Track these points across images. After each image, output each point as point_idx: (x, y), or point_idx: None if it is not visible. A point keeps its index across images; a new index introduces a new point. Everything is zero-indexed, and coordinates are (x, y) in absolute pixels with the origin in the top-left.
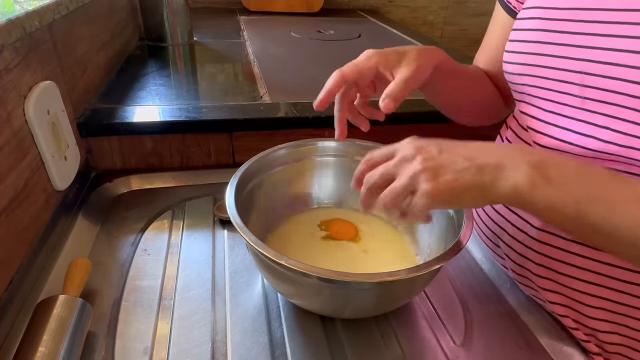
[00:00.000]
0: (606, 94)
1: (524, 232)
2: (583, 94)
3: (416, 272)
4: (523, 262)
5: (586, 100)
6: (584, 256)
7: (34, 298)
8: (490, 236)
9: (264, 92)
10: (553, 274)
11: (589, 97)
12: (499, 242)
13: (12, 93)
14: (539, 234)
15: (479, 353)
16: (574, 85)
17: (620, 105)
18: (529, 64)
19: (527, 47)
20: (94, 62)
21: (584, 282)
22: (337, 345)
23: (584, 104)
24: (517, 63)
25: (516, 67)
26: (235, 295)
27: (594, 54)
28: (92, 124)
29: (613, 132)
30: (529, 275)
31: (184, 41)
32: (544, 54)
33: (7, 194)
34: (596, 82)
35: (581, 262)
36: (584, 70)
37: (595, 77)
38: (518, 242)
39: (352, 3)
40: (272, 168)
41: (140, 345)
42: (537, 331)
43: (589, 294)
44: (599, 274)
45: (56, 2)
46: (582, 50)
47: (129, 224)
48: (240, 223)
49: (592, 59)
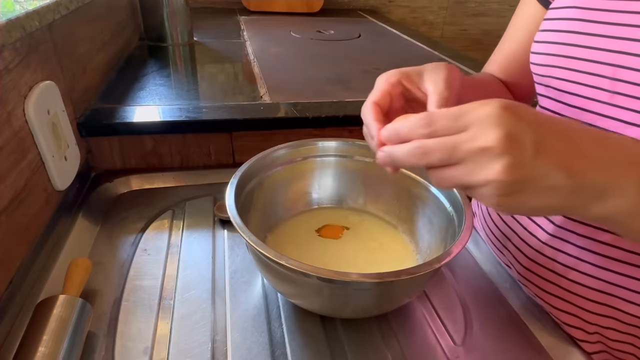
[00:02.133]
0: (639, 88)
1: (535, 236)
2: (614, 89)
3: (416, 272)
4: (531, 267)
5: (616, 95)
6: (597, 265)
7: (34, 298)
8: (499, 237)
9: (264, 92)
10: (563, 280)
11: (620, 91)
12: (508, 244)
13: (12, 93)
14: (551, 240)
15: (479, 353)
16: (605, 79)
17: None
18: (558, 55)
19: (559, 37)
20: (94, 62)
21: (593, 290)
22: (337, 345)
23: (614, 99)
24: (545, 53)
25: (543, 57)
26: (235, 295)
27: (629, 46)
28: (92, 124)
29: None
30: (536, 280)
31: (184, 41)
32: (576, 44)
33: (7, 194)
34: (630, 76)
35: (592, 271)
36: (617, 63)
37: (629, 71)
38: (528, 246)
39: (352, 3)
40: (272, 168)
41: (140, 345)
42: (537, 331)
43: (598, 302)
44: (610, 284)
45: (56, 2)
46: (617, 42)
47: (129, 224)
48: (240, 223)
49: (627, 51)
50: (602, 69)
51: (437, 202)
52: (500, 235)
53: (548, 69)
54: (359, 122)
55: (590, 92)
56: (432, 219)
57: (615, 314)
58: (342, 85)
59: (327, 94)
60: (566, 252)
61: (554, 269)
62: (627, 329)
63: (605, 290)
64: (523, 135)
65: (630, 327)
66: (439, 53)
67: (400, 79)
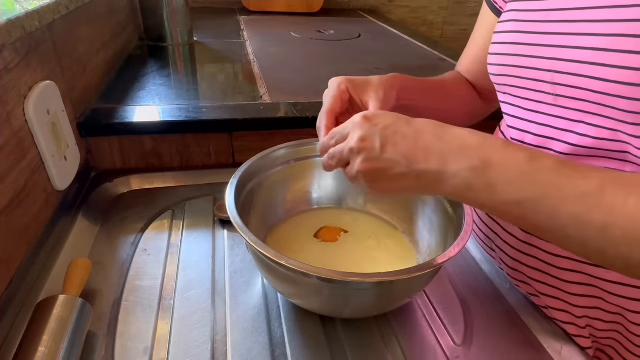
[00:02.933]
0: (575, 90)
1: (514, 236)
2: (555, 92)
3: (416, 272)
4: (517, 266)
5: (558, 97)
6: (575, 260)
7: (34, 298)
8: (485, 240)
9: (264, 92)
10: (548, 277)
11: (561, 94)
12: (493, 246)
13: (12, 93)
14: (529, 238)
15: (479, 353)
16: (546, 84)
17: (588, 101)
18: (507, 65)
19: (506, 49)
20: (94, 62)
21: (576, 284)
22: (337, 345)
23: (557, 100)
24: (497, 64)
25: (496, 68)
26: (235, 295)
27: (562, 53)
28: (92, 124)
29: (587, 126)
30: (525, 279)
31: (184, 41)
32: (519, 54)
33: (7, 194)
34: (565, 80)
35: (572, 265)
36: (554, 68)
37: (564, 75)
38: (510, 247)
39: (352, 3)
40: (272, 168)
41: (140, 345)
42: (537, 331)
43: (582, 295)
44: (590, 276)
45: (56, 2)
46: (552, 50)
47: (129, 224)
48: (240, 223)
49: (561, 57)
50: (542, 75)
51: (437, 202)
52: (486, 238)
53: (501, 78)
54: None
55: (537, 95)
56: (432, 219)
57: (600, 304)
58: None
59: None
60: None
61: (538, 267)
62: (611, 317)
63: (589, 272)
64: (373, 137)
65: (614, 315)
66: (439, 53)
67: (348, 88)
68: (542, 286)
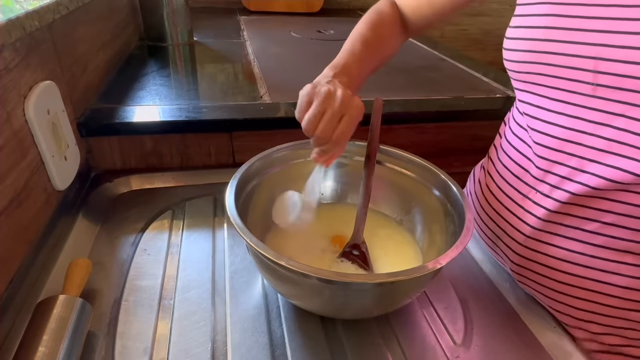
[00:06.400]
0: (622, 79)
1: (521, 231)
2: (596, 81)
3: (416, 272)
4: (522, 262)
5: (599, 87)
6: (585, 254)
7: (34, 298)
8: (490, 236)
9: (264, 92)
10: (554, 272)
11: (603, 83)
12: (498, 242)
13: (12, 93)
14: (537, 233)
15: (479, 353)
16: (586, 72)
17: (635, 91)
18: (538, 51)
19: (536, 33)
20: (94, 62)
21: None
22: (337, 345)
23: (596, 91)
24: (524, 50)
25: (522, 54)
26: (235, 295)
27: (609, 38)
28: (92, 124)
29: (629, 120)
30: (529, 273)
31: (184, 41)
32: (555, 39)
33: (7, 194)
34: (611, 68)
35: (582, 260)
36: (598, 55)
37: (609, 63)
38: (517, 243)
39: (352, 3)
40: (272, 168)
41: (140, 345)
42: (537, 331)
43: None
44: (599, 271)
45: (56, 2)
46: (597, 35)
47: (129, 224)
48: (240, 224)
49: (607, 43)
50: (582, 63)
51: (437, 202)
52: (491, 234)
53: (528, 66)
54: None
55: (572, 85)
56: (432, 219)
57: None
58: None
59: None
60: (554, 244)
61: (544, 262)
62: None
63: (595, 277)
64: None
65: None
66: (439, 53)
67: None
68: (547, 287)
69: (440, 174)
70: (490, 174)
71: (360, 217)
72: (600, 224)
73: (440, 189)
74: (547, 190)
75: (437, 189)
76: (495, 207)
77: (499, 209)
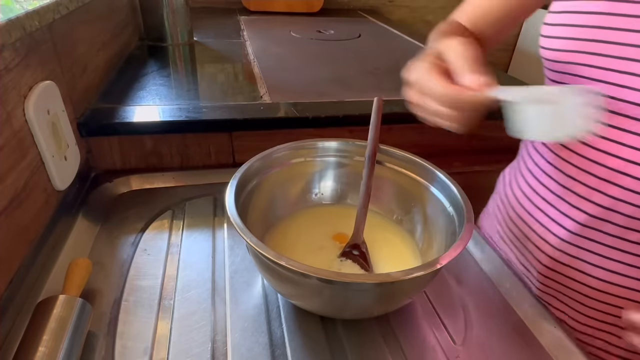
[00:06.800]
0: None
1: (557, 235)
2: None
3: (416, 272)
4: (554, 266)
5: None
6: (625, 263)
7: (34, 298)
8: (519, 236)
9: (264, 92)
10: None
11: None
12: (528, 243)
13: (12, 93)
14: (575, 238)
15: (478, 353)
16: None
17: None
18: (587, 39)
19: (586, 20)
20: (94, 62)
21: (620, 287)
22: (337, 345)
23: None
24: (569, 38)
25: (566, 42)
26: (235, 295)
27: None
28: (92, 124)
29: None
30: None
31: (184, 41)
32: (609, 27)
33: (7, 194)
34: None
35: (621, 269)
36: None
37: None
38: (548, 244)
39: (352, 3)
40: (272, 168)
41: (140, 345)
42: (537, 331)
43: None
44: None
45: (56, 2)
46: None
47: (129, 224)
48: (240, 224)
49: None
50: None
51: (437, 202)
52: (520, 235)
53: (572, 55)
54: (359, 122)
55: (624, 79)
56: (432, 219)
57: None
58: (342, 85)
59: (327, 94)
60: (592, 251)
61: (579, 267)
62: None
63: (632, 287)
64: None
65: None
66: None
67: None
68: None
69: (440, 174)
70: (522, 175)
71: (360, 217)
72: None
73: (440, 189)
74: (585, 193)
75: (437, 189)
76: (529, 210)
77: (533, 211)
